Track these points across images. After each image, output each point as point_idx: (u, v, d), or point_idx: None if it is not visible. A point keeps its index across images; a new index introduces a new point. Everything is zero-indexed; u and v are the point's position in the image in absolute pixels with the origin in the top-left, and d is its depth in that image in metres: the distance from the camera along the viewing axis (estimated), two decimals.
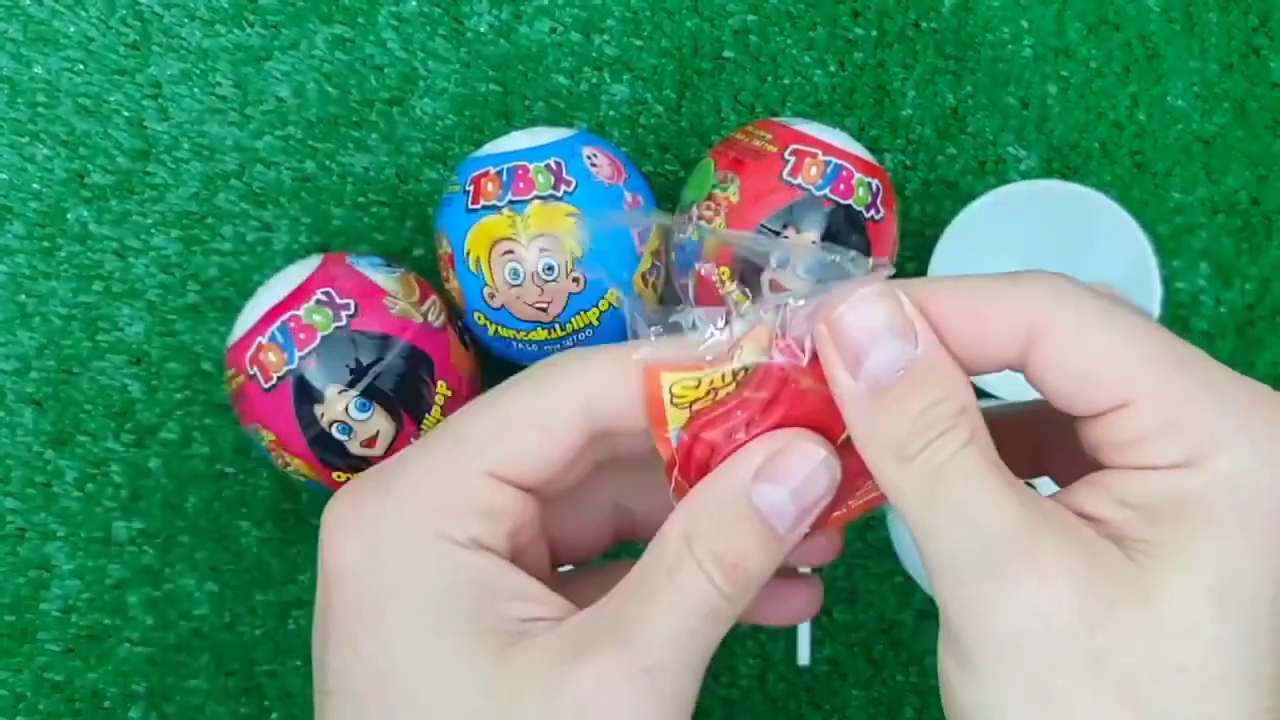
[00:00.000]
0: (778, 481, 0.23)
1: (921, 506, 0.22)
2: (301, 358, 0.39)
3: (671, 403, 0.24)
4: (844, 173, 0.41)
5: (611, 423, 0.24)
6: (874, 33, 0.48)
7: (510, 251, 0.40)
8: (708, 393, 0.24)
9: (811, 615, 0.30)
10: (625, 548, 0.29)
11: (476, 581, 0.23)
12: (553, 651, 0.22)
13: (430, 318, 0.41)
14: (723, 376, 0.24)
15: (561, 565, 0.29)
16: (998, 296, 0.22)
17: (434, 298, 0.42)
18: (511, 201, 0.40)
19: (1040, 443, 0.28)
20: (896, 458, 0.22)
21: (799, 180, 0.40)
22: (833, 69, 0.48)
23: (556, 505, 0.26)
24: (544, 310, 0.40)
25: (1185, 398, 0.21)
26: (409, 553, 0.23)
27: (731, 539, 0.23)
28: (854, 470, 0.24)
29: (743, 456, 0.24)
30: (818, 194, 0.40)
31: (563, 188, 0.40)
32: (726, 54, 0.48)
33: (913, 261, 0.48)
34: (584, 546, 0.29)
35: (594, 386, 0.24)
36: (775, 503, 0.23)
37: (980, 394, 0.45)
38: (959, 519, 0.21)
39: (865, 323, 0.23)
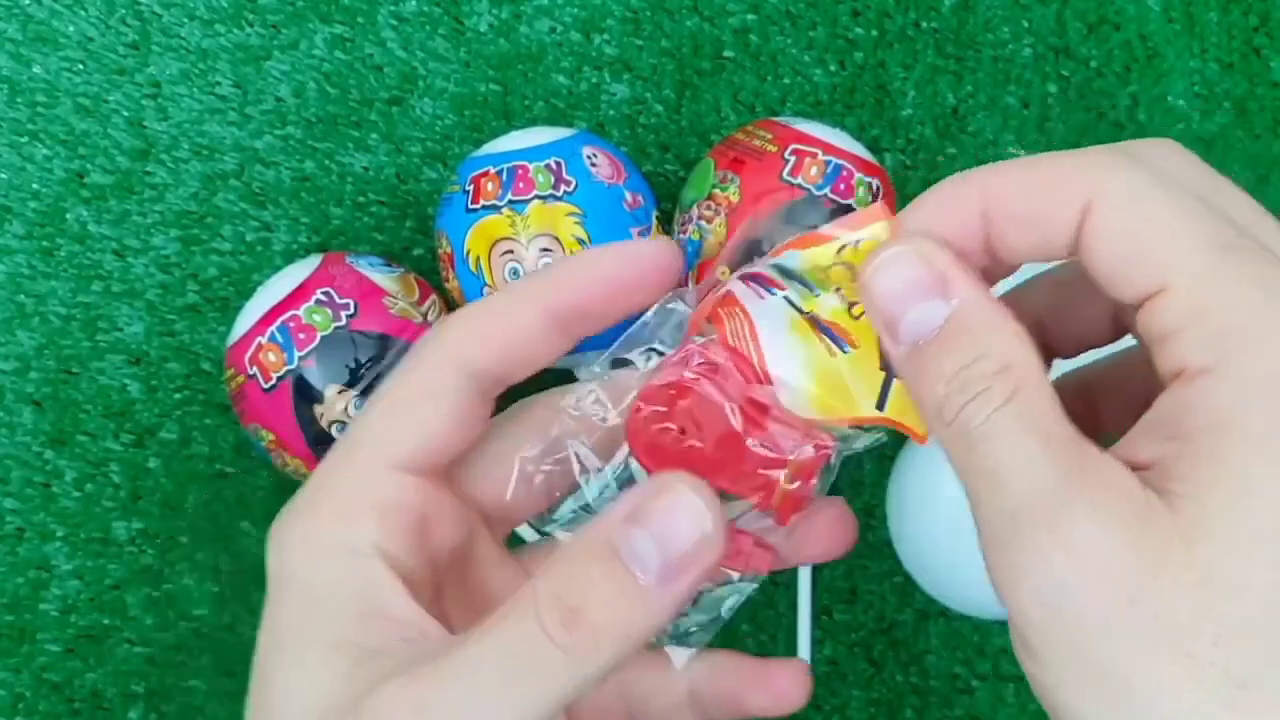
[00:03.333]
0: (642, 524, 0.21)
1: (964, 470, 0.21)
2: (301, 358, 0.39)
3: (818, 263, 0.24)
4: (844, 172, 0.41)
5: (494, 365, 0.24)
6: (874, 32, 0.48)
7: (510, 251, 0.40)
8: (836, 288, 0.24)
9: (846, 549, 0.28)
10: None
11: (357, 595, 0.23)
12: (367, 676, 0.21)
13: (430, 318, 0.41)
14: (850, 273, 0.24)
15: (533, 530, 0.28)
16: (1051, 173, 0.21)
17: (434, 298, 0.42)
18: (511, 201, 0.40)
19: (1100, 413, 0.26)
20: (938, 420, 0.21)
21: (799, 180, 0.40)
22: (833, 68, 0.48)
23: (473, 471, 0.26)
24: None
25: (1223, 287, 0.19)
26: (305, 559, 0.23)
27: (578, 580, 0.21)
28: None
29: (625, 497, 0.21)
30: (818, 194, 0.40)
31: (563, 187, 0.40)
32: (726, 54, 0.48)
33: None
34: (498, 498, 0.27)
35: (466, 338, 0.24)
36: (636, 545, 0.21)
37: None
38: (991, 486, 0.20)
39: (892, 286, 0.21)
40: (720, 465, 0.24)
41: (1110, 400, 0.26)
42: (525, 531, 0.34)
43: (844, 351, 0.23)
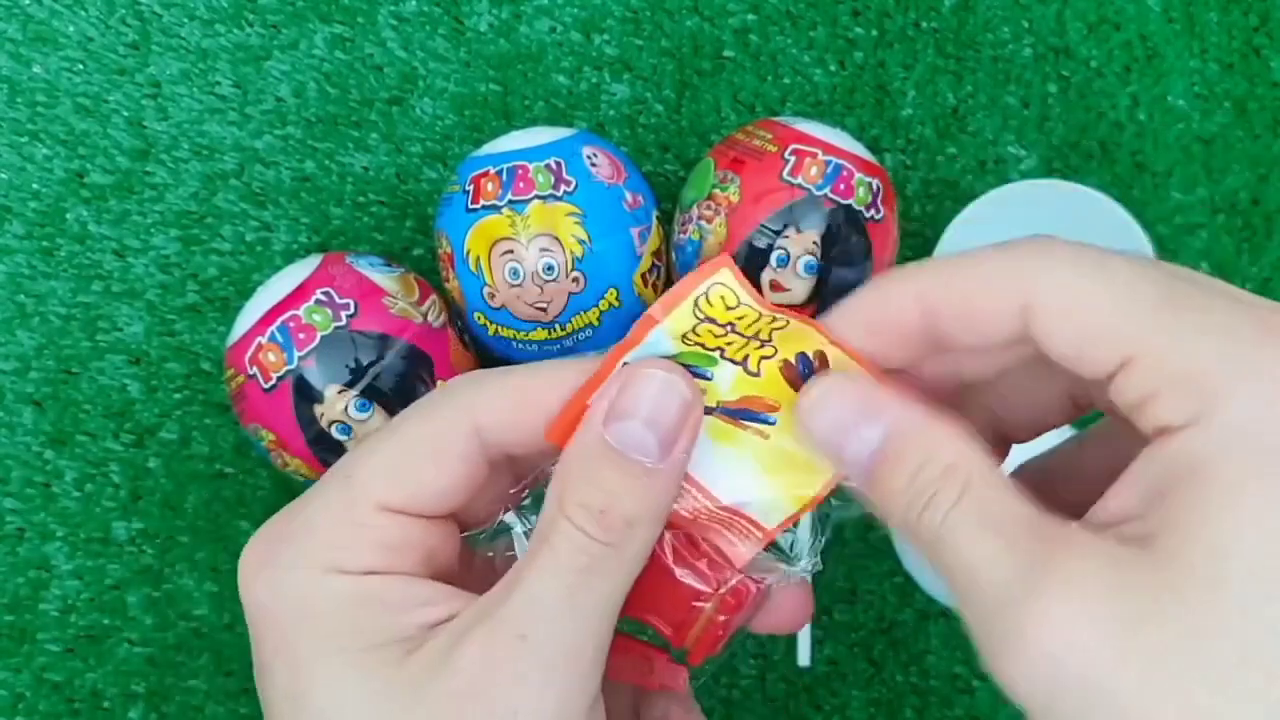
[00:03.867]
0: (628, 415, 0.23)
1: (939, 569, 0.21)
2: (301, 358, 0.39)
3: (696, 301, 0.24)
4: (844, 172, 0.41)
5: (509, 447, 0.24)
6: (874, 32, 0.48)
7: (510, 251, 0.40)
8: (727, 323, 0.24)
9: (802, 624, 0.29)
10: None
11: (375, 600, 0.23)
12: (444, 639, 0.22)
13: (430, 318, 0.41)
14: (755, 318, 0.24)
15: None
16: (985, 275, 0.22)
17: (434, 297, 0.42)
18: (511, 201, 0.40)
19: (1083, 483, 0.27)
20: (904, 530, 0.22)
21: (799, 180, 0.40)
22: (833, 68, 0.48)
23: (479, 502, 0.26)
24: (544, 310, 0.40)
25: (1184, 344, 0.19)
26: (307, 586, 0.23)
27: (596, 484, 0.23)
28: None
29: (596, 403, 0.23)
30: (818, 193, 0.40)
31: (563, 187, 0.40)
32: (727, 53, 0.48)
33: (916, 253, 0.48)
34: (452, 492, 0.27)
35: (486, 410, 0.24)
36: (632, 435, 0.23)
37: None
38: (965, 582, 0.21)
39: (829, 422, 0.23)
40: (646, 592, 0.24)
41: (1070, 485, 0.26)
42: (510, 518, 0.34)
43: (771, 423, 0.24)
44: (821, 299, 0.41)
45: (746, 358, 0.24)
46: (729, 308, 0.24)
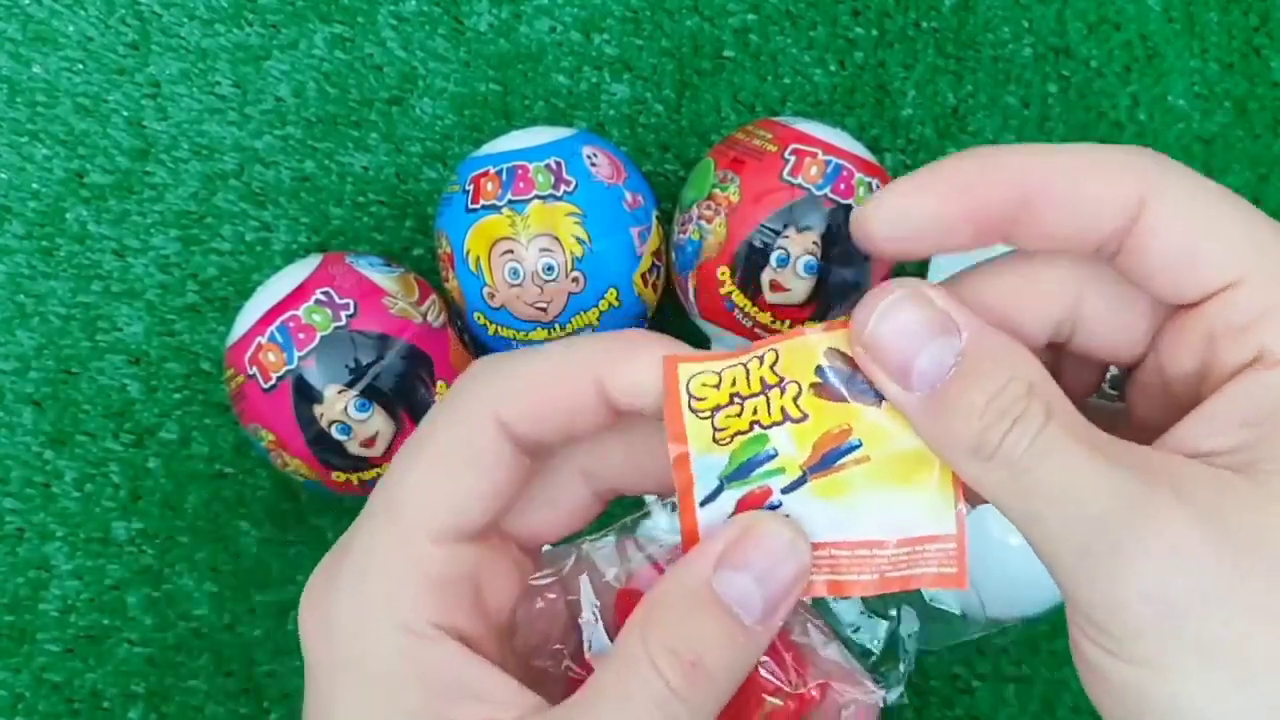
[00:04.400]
0: (741, 568, 0.21)
1: (1017, 501, 0.20)
2: (301, 358, 0.39)
3: (690, 407, 0.22)
4: (844, 172, 0.41)
5: (537, 435, 0.22)
6: (874, 32, 0.48)
7: (510, 251, 0.40)
8: (730, 397, 0.22)
9: None
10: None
11: (429, 679, 0.21)
12: None
13: (430, 318, 0.41)
14: (745, 373, 0.22)
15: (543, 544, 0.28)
16: (1101, 162, 0.21)
17: (433, 297, 0.42)
18: (511, 201, 0.40)
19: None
20: (976, 458, 0.20)
21: (799, 180, 0.40)
22: (833, 68, 0.48)
23: (513, 513, 0.25)
24: (544, 310, 0.40)
25: None
26: (361, 643, 0.22)
27: (690, 632, 0.21)
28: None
29: (706, 543, 0.22)
30: (818, 193, 0.40)
31: (563, 187, 0.40)
32: (727, 53, 0.48)
33: (912, 262, 0.48)
34: (559, 527, 0.26)
35: (510, 403, 0.22)
36: (740, 590, 0.21)
37: None
38: (1059, 506, 0.19)
39: (900, 331, 0.21)
40: None
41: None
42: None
43: (858, 446, 0.22)
44: (821, 299, 0.41)
45: (784, 410, 0.22)
46: (715, 387, 0.22)
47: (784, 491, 0.22)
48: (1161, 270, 0.20)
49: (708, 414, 0.22)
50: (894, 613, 0.24)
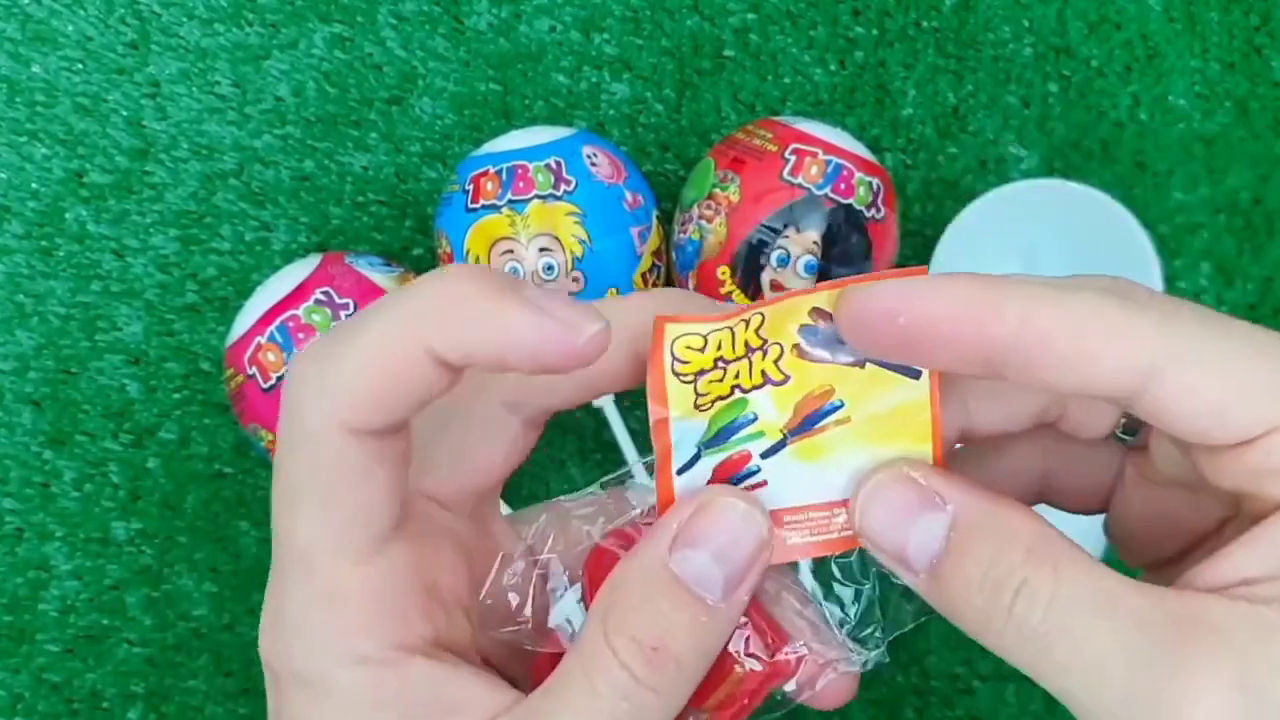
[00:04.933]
0: (697, 545, 0.21)
1: (1040, 665, 0.19)
2: None
3: (674, 370, 0.21)
4: (845, 172, 0.40)
5: (398, 414, 0.20)
6: (874, 32, 0.48)
7: (510, 251, 0.40)
8: (715, 361, 0.22)
9: (838, 707, 0.26)
10: None
11: (401, 705, 0.21)
12: None
13: None
14: (731, 337, 0.21)
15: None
16: (1112, 324, 0.19)
17: None
18: (511, 201, 0.40)
19: (1044, 468, 0.25)
20: (989, 629, 0.20)
21: (799, 179, 0.40)
22: (833, 68, 0.48)
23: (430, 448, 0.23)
24: None
25: None
26: (326, 684, 0.21)
27: (651, 618, 0.20)
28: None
29: (661, 524, 0.21)
30: (818, 193, 0.40)
31: (562, 187, 0.40)
32: (727, 53, 0.48)
33: (913, 261, 0.48)
34: (496, 467, 0.24)
35: (347, 399, 0.20)
36: (698, 569, 0.20)
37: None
38: (1089, 680, 0.19)
39: (887, 516, 0.21)
40: None
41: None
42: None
43: (840, 407, 0.22)
44: None
45: (764, 373, 0.22)
46: (700, 349, 0.22)
47: (763, 456, 0.22)
48: (1186, 427, 0.20)
49: (691, 378, 0.22)
50: (868, 581, 0.24)
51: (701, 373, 0.22)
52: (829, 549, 0.22)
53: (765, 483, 0.22)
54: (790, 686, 0.23)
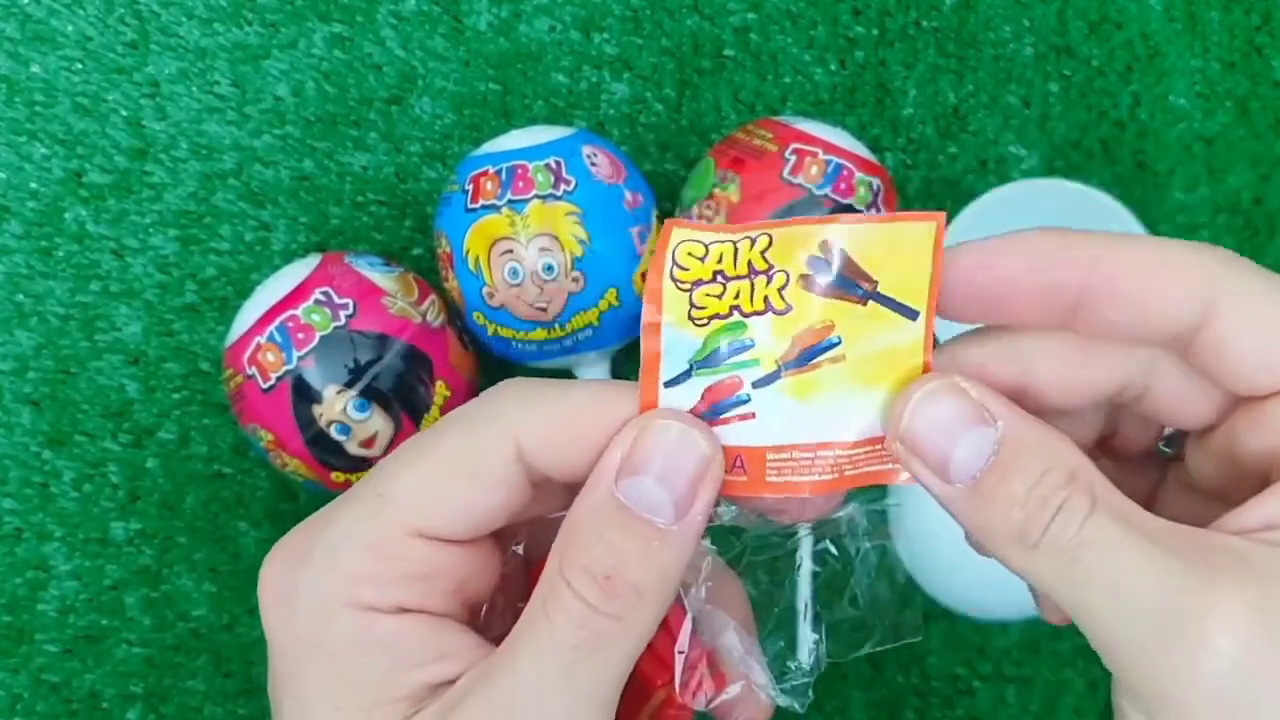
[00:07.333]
0: (640, 471, 0.21)
1: (1068, 589, 0.20)
2: (300, 358, 0.38)
3: (672, 275, 0.21)
4: (845, 172, 0.40)
5: (552, 472, 0.22)
6: (875, 31, 0.48)
7: (509, 251, 0.40)
8: (714, 273, 0.21)
9: None
10: None
11: (386, 649, 0.21)
12: (437, 709, 0.21)
13: (429, 317, 0.41)
14: (734, 251, 0.21)
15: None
16: (1172, 263, 0.21)
17: (433, 297, 0.42)
18: (511, 201, 0.40)
19: None
20: (1021, 546, 0.20)
21: (799, 179, 0.40)
22: (833, 68, 0.48)
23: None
24: (543, 310, 0.40)
25: None
26: (322, 620, 0.21)
27: (603, 548, 0.20)
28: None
29: (605, 456, 0.21)
30: (818, 193, 0.40)
31: (562, 187, 0.40)
32: (727, 52, 0.48)
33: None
34: (497, 520, 0.25)
35: (532, 433, 0.21)
36: (644, 493, 0.21)
37: None
38: (1113, 596, 0.19)
39: (935, 424, 0.21)
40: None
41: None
42: None
43: (837, 344, 0.22)
44: None
45: (767, 299, 0.21)
46: (701, 258, 0.21)
47: (755, 385, 0.22)
48: (1236, 371, 0.21)
49: (688, 286, 0.21)
50: (816, 634, 0.24)
51: (699, 283, 0.21)
52: (806, 490, 0.22)
53: (754, 414, 0.22)
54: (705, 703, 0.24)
